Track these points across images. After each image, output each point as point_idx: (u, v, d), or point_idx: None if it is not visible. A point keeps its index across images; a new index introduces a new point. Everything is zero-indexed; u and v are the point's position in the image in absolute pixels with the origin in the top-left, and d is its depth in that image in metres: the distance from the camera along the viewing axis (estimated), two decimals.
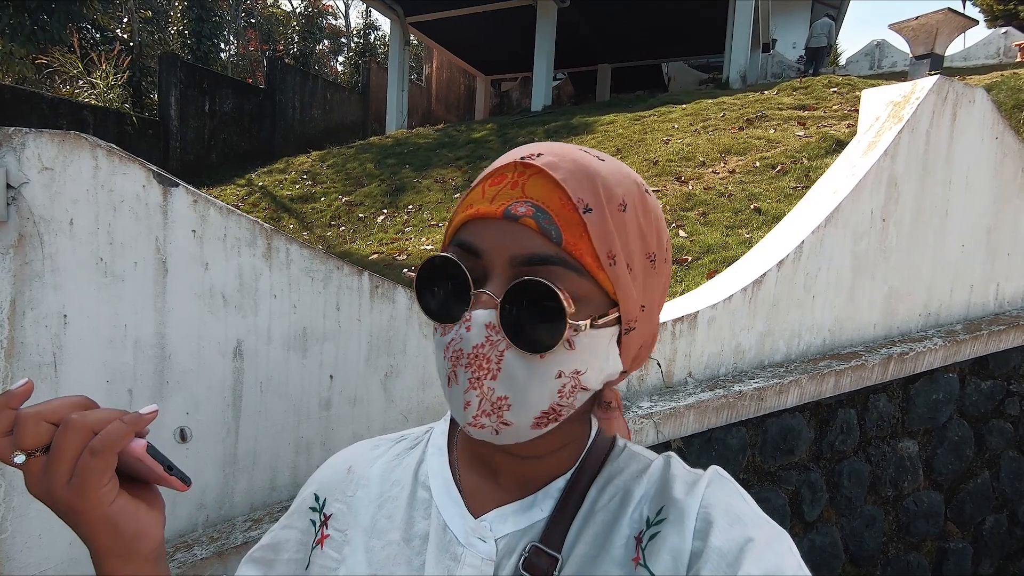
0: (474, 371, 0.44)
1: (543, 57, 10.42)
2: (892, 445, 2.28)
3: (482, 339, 0.44)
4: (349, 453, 0.62)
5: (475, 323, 0.44)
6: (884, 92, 2.40)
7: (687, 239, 3.73)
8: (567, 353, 0.44)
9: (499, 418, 0.45)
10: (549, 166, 0.45)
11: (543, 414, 0.46)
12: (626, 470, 0.53)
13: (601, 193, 0.45)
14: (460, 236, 0.47)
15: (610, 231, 0.45)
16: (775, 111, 6.22)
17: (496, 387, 0.44)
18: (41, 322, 1.13)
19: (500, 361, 0.44)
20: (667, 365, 1.82)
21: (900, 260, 2.30)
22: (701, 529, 0.46)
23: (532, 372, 0.44)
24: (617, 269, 0.45)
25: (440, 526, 0.51)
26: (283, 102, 11.95)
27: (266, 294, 1.32)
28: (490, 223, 0.45)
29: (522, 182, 0.45)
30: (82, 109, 9.18)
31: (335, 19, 20.36)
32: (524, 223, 0.44)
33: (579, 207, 0.44)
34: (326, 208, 6.92)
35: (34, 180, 1.11)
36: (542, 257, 0.43)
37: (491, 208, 0.45)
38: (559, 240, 0.44)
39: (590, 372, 0.46)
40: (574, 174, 0.45)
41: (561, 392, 0.46)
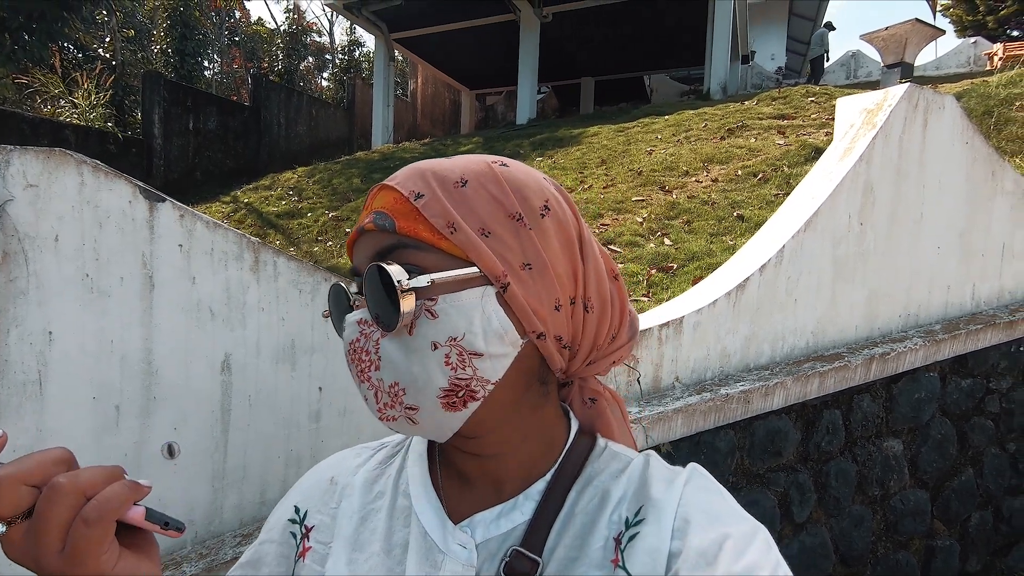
0: (357, 365, 0.47)
1: (527, 71, 10.54)
2: (877, 444, 2.32)
3: (356, 334, 0.47)
4: (331, 463, 0.62)
5: (347, 323, 0.48)
6: (858, 100, 2.47)
7: (672, 247, 3.78)
8: (432, 323, 0.45)
9: (403, 405, 0.46)
10: (391, 179, 0.50)
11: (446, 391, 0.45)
12: (606, 470, 0.53)
13: (431, 179, 0.48)
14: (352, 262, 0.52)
15: (444, 205, 0.47)
16: (755, 121, 6.35)
17: (384, 376, 0.46)
18: (26, 339, 1.13)
19: (378, 350, 0.46)
20: (654, 370, 1.84)
21: (879, 263, 2.35)
22: (679, 528, 0.46)
23: (407, 351, 0.45)
24: (460, 235, 0.46)
25: (420, 534, 0.51)
26: (268, 119, 11.94)
27: (254, 307, 1.33)
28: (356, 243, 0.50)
29: (371, 202, 0.51)
30: (63, 129, 9.11)
31: (319, 36, 20.45)
32: (367, 228, 0.49)
33: (410, 197, 0.47)
34: (313, 224, 6.90)
35: (19, 197, 1.11)
36: (383, 248, 0.47)
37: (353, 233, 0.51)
38: (393, 228, 0.47)
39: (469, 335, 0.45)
40: (406, 175, 0.49)
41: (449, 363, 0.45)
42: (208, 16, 15.37)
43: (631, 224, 4.28)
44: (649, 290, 3.22)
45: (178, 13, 13.36)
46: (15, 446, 1.12)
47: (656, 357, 1.83)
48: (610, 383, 1.78)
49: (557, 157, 6.74)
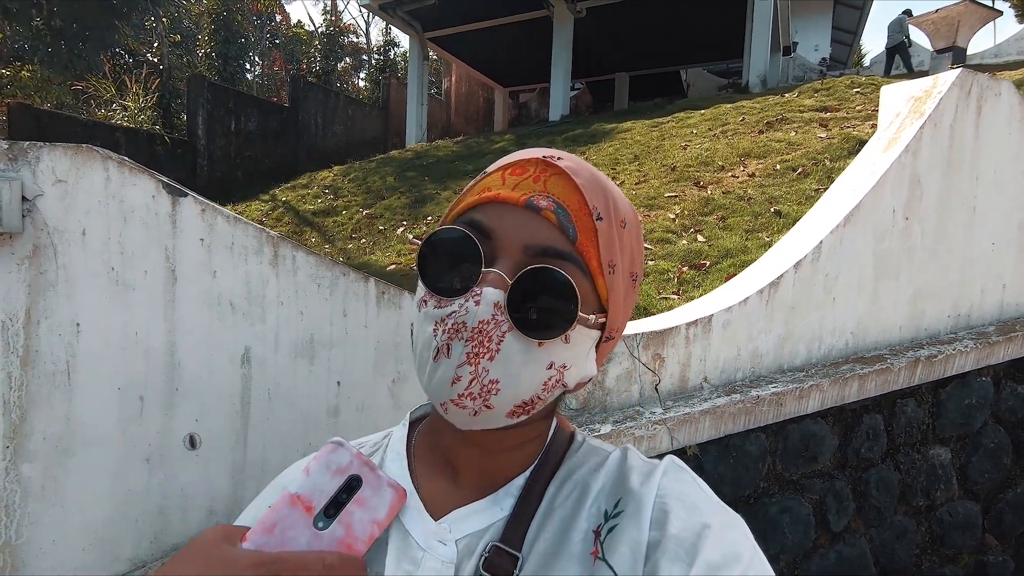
0: (474, 346, 0.44)
1: (560, 67, 10.45)
2: (923, 452, 2.19)
3: (488, 316, 0.44)
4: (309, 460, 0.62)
5: (485, 299, 0.44)
6: (904, 88, 2.34)
7: (705, 244, 3.67)
8: (562, 346, 0.46)
9: (484, 401, 0.45)
10: (570, 170, 0.48)
11: (523, 404, 0.47)
12: (584, 464, 0.54)
13: (611, 206, 0.49)
14: (471, 216, 0.48)
15: (613, 242, 0.48)
16: (796, 113, 6.12)
17: (491, 369, 0.44)
18: (55, 331, 1.16)
19: (500, 342, 0.44)
20: (681, 370, 1.78)
21: (926, 259, 2.22)
22: (658, 519, 0.46)
23: (528, 359, 0.45)
24: (614, 278, 0.48)
25: (400, 532, 0.51)
26: (306, 119, 12.22)
27: (273, 301, 1.34)
28: (509, 208, 0.46)
29: (544, 178, 0.47)
30: (115, 131, 9.52)
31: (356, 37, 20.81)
32: (545, 215, 0.46)
33: (593, 213, 0.47)
34: (347, 221, 7.02)
35: (48, 192, 1.14)
36: (557, 251, 0.45)
37: (513, 195, 0.46)
38: (574, 239, 0.46)
39: (573, 369, 0.48)
40: (591, 182, 0.48)
41: (546, 384, 0.47)
42: (250, 20, 15.82)
43: (663, 220, 4.18)
44: (680, 288, 3.14)
45: (222, 18, 13.81)
46: (45, 435, 1.16)
47: (683, 356, 1.77)
48: (634, 384, 1.73)
49: (589, 153, 6.65)
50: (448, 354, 0.44)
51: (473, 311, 0.44)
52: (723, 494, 1.78)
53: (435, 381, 0.46)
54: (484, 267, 0.45)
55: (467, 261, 0.46)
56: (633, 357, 1.69)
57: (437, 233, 0.48)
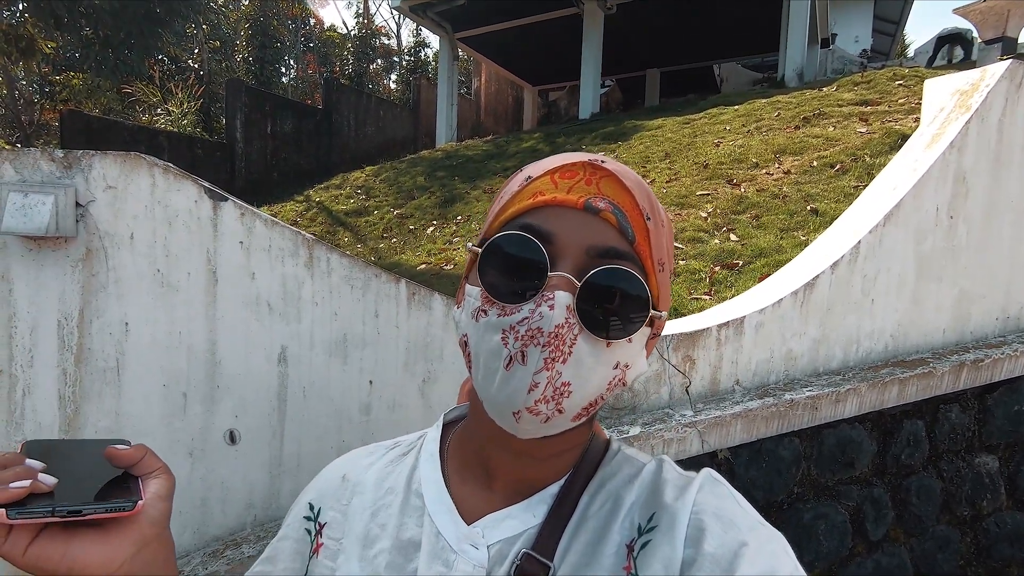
0: (551, 351, 0.43)
1: (590, 65, 10.39)
2: (967, 460, 2.11)
3: (563, 319, 0.43)
4: (343, 461, 0.63)
5: (558, 303, 0.43)
6: (949, 81, 2.25)
7: (738, 243, 3.60)
8: (627, 345, 0.46)
9: (557, 405, 0.44)
10: (618, 172, 0.49)
11: (589, 404, 0.47)
12: (618, 475, 0.53)
13: (656, 206, 0.50)
14: (526, 221, 0.47)
15: (662, 241, 0.49)
16: (834, 108, 5.94)
17: (564, 371, 0.44)
18: (106, 330, 1.22)
19: (573, 345, 0.44)
20: (712, 372, 1.76)
21: (971, 260, 2.13)
22: (692, 536, 0.45)
23: (598, 359, 0.45)
24: (664, 276, 0.49)
25: (433, 533, 0.51)
26: (339, 121, 12.45)
27: (308, 302, 1.38)
28: (567, 211, 0.46)
29: (596, 180, 0.48)
30: (158, 135, 9.90)
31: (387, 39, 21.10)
32: (604, 217, 0.46)
33: (644, 214, 0.48)
34: (379, 221, 7.13)
35: (99, 198, 1.20)
36: (619, 252, 0.46)
37: (570, 198, 0.47)
38: (632, 240, 0.47)
39: (633, 368, 0.48)
40: (637, 184, 0.49)
41: (611, 384, 0.47)
42: (285, 24, 16.20)
43: (695, 219, 4.12)
44: (712, 288, 3.09)
45: (259, 23, 14.18)
46: (96, 428, 1.22)
47: (715, 359, 1.75)
48: (663, 386, 1.72)
49: (619, 151, 6.60)
50: (523, 361, 0.43)
51: (548, 316, 0.43)
52: (755, 499, 1.75)
53: (508, 390, 0.44)
54: (550, 271, 0.44)
55: (531, 266, 0.45)
56: (663, 359, 1.67)
57: (496, 239, 0.47)
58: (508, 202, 0.50)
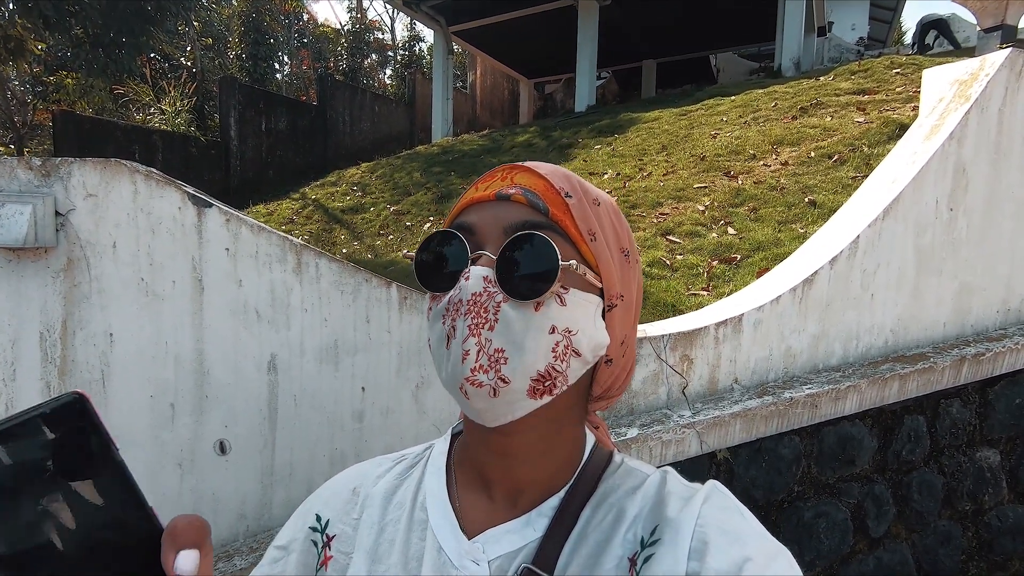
0: (473, 318, 0.46)
1: (586, 57, 10.31)
2: (969, 454, 2.09)
3: (480, 288, 0.47)
4: (354, 473, 0.62)
5: (473, 274, 0.47)
6: (948, 70, 2.22)
7: (736, 236, 3.58)
8: (559, 308, 0.47)
9: (497, 372, 0.46)
10: (534, 166, 0.53)
11: (540, 376, 0.47)
12: (621, 487, 0.53)
13: (578, 187, 0.52)
14: (455, 222, 0.53)
15: (588, 214, 0.51)
16: (831, 97, 5.90)
17: (493, 338, 0.46)
18: (90, 341, 1.19)
19: (497, 312, 0.46)
20: (711, 371, 1.74)
21: (972, 253, 2.11)
22: (697, 549, 0.45)
23: (528, 323, 0.46)
24: (597, 245, 0.51)
25: (435, 548, 0.51)
26: (334, 117, 12.37)
27: (297, 308, 1.35)
28: (483, 205, 0.51)
29: (511, 175, 0.52)
30: (152, 134, 9.81)
31: (382, 33, 20.94)
32: (515, 199, 0.50)
33: (560, 192, 0.51)
34: (375, 218, 7.09)
35: (80, 207, 1.17)
36: (533, 223, 0.48)
37: (484, 194, 0.51)
38: (546, 211, 0.49)
39: (581, 335, 0.49)
40: (554, 172, 0.53)
41: (555, 351, 0.47)
42: (278, 20, 16.07)
43: (692, 213, 4.09)
44: (710, 283, 3.06)
45: (251, 20, 14.05)
46: None
47: (712, 358, 1.73)
48: (661, 386, 1.69)
49: (616, 144, 6.56)
50: (455, 334, 0.47)
51: (465, 287, 0.47)
52: (755, 499, 1.74)
53: (450, 366, 0.47)
54: (471, 254, 0.49)
55: (455, 255, 0.49)
56: (660, 359, 1.65)
57: (424, 241, 0.52)
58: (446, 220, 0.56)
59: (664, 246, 3.66)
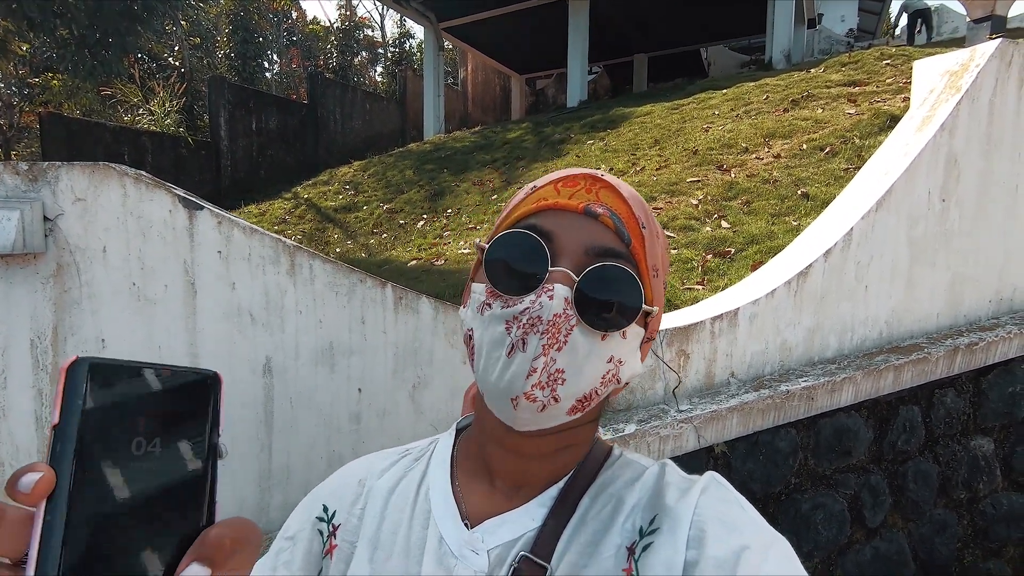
0: (549, 338, 0.46)
1: (576, 52, 10.29)
2: (963, 443, 2.11)
3: (560, 309, 0.46)
4: (360, 465, 0.63)
5: (557, 294, 0.46)
6: (939, 61, 2.22)
7: (730, 230, 3.58)
8: (620, 340, 0.48)
9: (552, 391, 0.46)
10: (616, 184, 0.52)
11: (583, 398, 0.48)
12: (620, 478, 0.54)
13: (651, 217, 0.53)
14: (532, 221, 0.50)
15: (656, 249, 0.52)
16: (822, 89, 5.91)
17: (558, 359, 0.46)
18: (81, 347, 1.18)
19: (568, 334, 0.46)
20: (707, 365, 1.74)
21: (965, 244, 2.12)
22: (695, 538, 0.45)
23: (592, 350, 0.47)
24: (658, 282, 0.52)
25: (436, 538, 0.52)
26: (324, 115, 12.29)
27: (292, 310, 1.34)
28: (568, 215, 0.50)
29: (595, 189, 0.52)
30: (141, 136, 9.72)
31: (372, 31, 20.81)
32: (602, 221, 0.49)
33: (639, 222, 0.51)
34: (368, 216, 7.06)
35: (68, 211, 1.15)
36: (616, 252, 0.49)
37: (571, 203, 0.50)
38: (628, 242, 0.50)
39: (626, 365, 0.50)
40: (634, 196, 0.53)
41: (604, 378, 0.49)
42: (267, 18, 15.94)
43: (685, 207, 4.09)
44: (704, 277, 3.07)
45: (239, 18, 13.93)
46: None
47: (708, 352, 1.73)
48: (658, 382, 1.70)
49: (608, 139, 6.55)
50: (524, 348, 0.46)
51: (547, 305, 0.46)
52: (752, 492, 1.74)
53: (509, 376, 0.46)
54: (551, 266, 0.47)
55: (533, 261, 0.48)
56: (656, 355, 1.65)
57: (501, 237, 0.50)
58: (514, 207, 0.54)
59: None
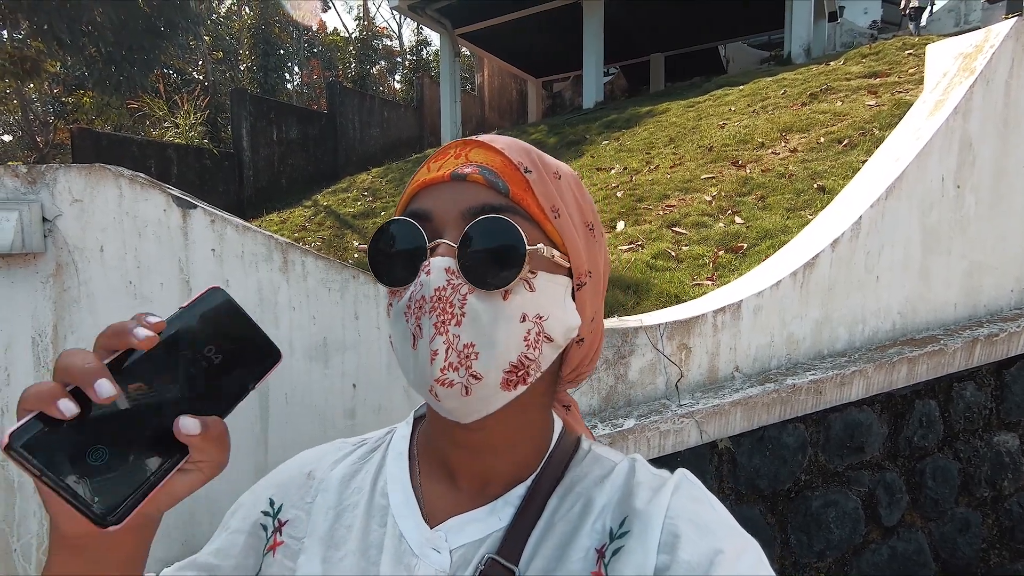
0: (438, 315, 0.43)
1: (592, 53, 10.27)
2: (985, 439, 2.03)
3: (443, 282, 0.43)
4: (309, 456, 0.60)
5: (434, 267, 0.44)
6: (952, 44, 2.15)
7: (743, 225, 3.52)
8: (528, 295, 0.45)
9: (468, 370, 0.43)
10: (489, 139, 0.49)
11: (512, 367, 0.45)
12: (589, 475, 0.51)
13: (537, 161, 0.49)
14: (409, 207, 0.49)
15: (550, 190, 0.48)
16: (842, 82, 5.79)
17: (461, 333, 0.43)
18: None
19: (463, 305, 0.43)
20: (710, 359, 1.71)
21: (982, 231, 2.04)
22: (667, 542, 0.44)
23: (497, 314, 0.44)
24: (562, 222, 0.48)
25: (396, 535, 0.50)
26: (344, 124, 12.49)
27: (285, 307, 1.35)
28: (438, 187, 0.47)
29: (464, 152, 0.48)
30: (167, 148, 10.01)
31: (389, 40, 21.11)
32: (472, 179, 0.46)
33: (520, 168, 0.47)
34: None
35: (66, 212, 1.19)
36: (493, 206, 0.45)
37: (438, 175, 0.47)
38: (506, 191, 0.46)
39: (552, 320, 0.47)
40: (510, 145, 0.49)
41: (527, 339, 0.45)
42: (287, 31, 16.29)
43: (698, 204, 4.04)
44: (715, 272, 3.02)
45: (260, 31, 14.27)
46: None
47: (711, 346, 1.69)
48: (659, 376, 1.67)
49: (624, 139, 6.51)
50: (420, 333, 0.44)
51: (427, 281, 0.44)
52: (760, 488, 1.70)
53: (418, 368, 0.44)
54: (429, 243, 0.45)
55: (411, 244, 0.46)
56: (656, 349, 1.63)
57: (377, 232, 0.48)
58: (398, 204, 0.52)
59: (670, 238, 3.61)
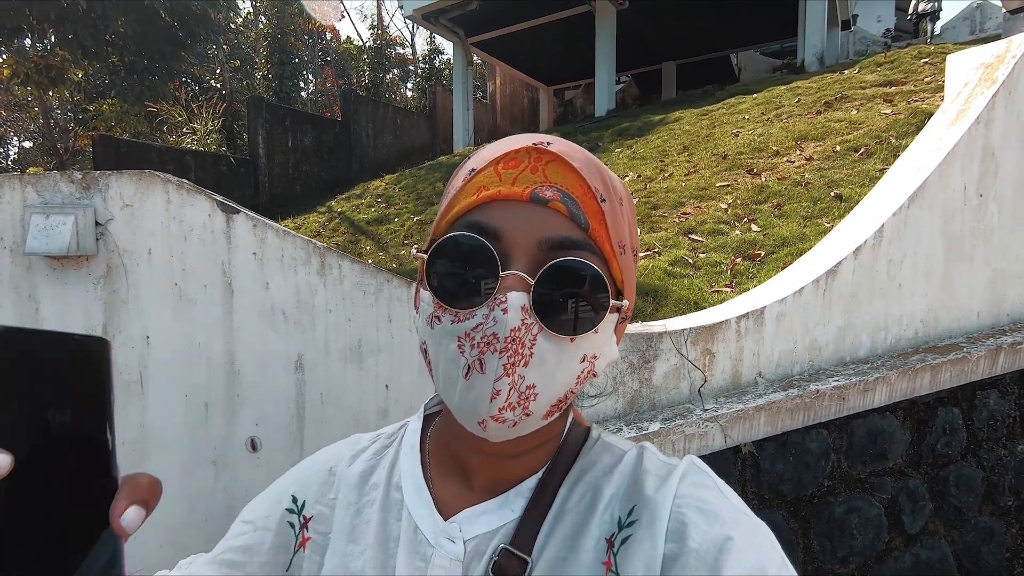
0: (509, 356, 0.41)
1: (604, 62, 10.32)
2: (1009, 448, 2.02)
3: (519, 322, 0.41)
4: (328, 454, 0.61)
5: (512, 305, 0.41)
6: (973, 54, 2.17)
7: (760, 233, 3.53)
8: (593, 337, 0.44)
9: (524, 410, 0.42)
10: (564, 154, 0.45)
11: (559, 402, 0.45)
12: (598, 464, 0.51)
13: (608, 184, 0.46)
14: (472, 219, 0.44)
15: (620, 222, 0.46)
16: (857, 90, 5.78)
17: (527, 375, 0.42)
18: (128, 344, 1.26)
19: (533, 345, 0.41)
20: (733, 365, 1.72)
21: (1005, 239, 2.05)
22: (675, 530, 0.43)
23: (562, 357, 0.43)
24: (626, 259, 0.47)
25: (411, 528, 0.51)
26: (357, 131, 12.62)
27: (322, 309, 1.39)
28: (514, 205, 0.43)
29: (541, 167, 0.44)
30: (185, 155, 10.18)
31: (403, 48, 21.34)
32: (553, 207, 0.43)
33: (596, 196, 0.45)
34: (399, 228, 7.20)
35: (117, 216, 1.24)
36: (573, 242, 0.43)
37: (515, 190, 0.43)
38: (586, 227, 0.44)
39: (602, 357, 0.46)
40: (587, 164, 0.46)
41: (579, 377, 0.45)
42: (302, 39, 16.52)
43: (714, 211, 4.05)
44: (733, 279, 3.03)
45: (276, 40, 14.48)
46: (123, 440, 1.26)
47: (735, 351, 1.71)
48: (683, 381, 1.69)
49: (636, 147, 6.54)
50: (482, 369, 0.41)
51: (503, 320, 0.40)
52: (783, 493, 1.71)
53: (471, 399, 0.42)
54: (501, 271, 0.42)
55: (481, 267, 0.42)
56: (681, 354, 1.65)
57: (442, 242, 0.44)
58: (453, 199, 0.47)
59: (687, 245, 3.63)
